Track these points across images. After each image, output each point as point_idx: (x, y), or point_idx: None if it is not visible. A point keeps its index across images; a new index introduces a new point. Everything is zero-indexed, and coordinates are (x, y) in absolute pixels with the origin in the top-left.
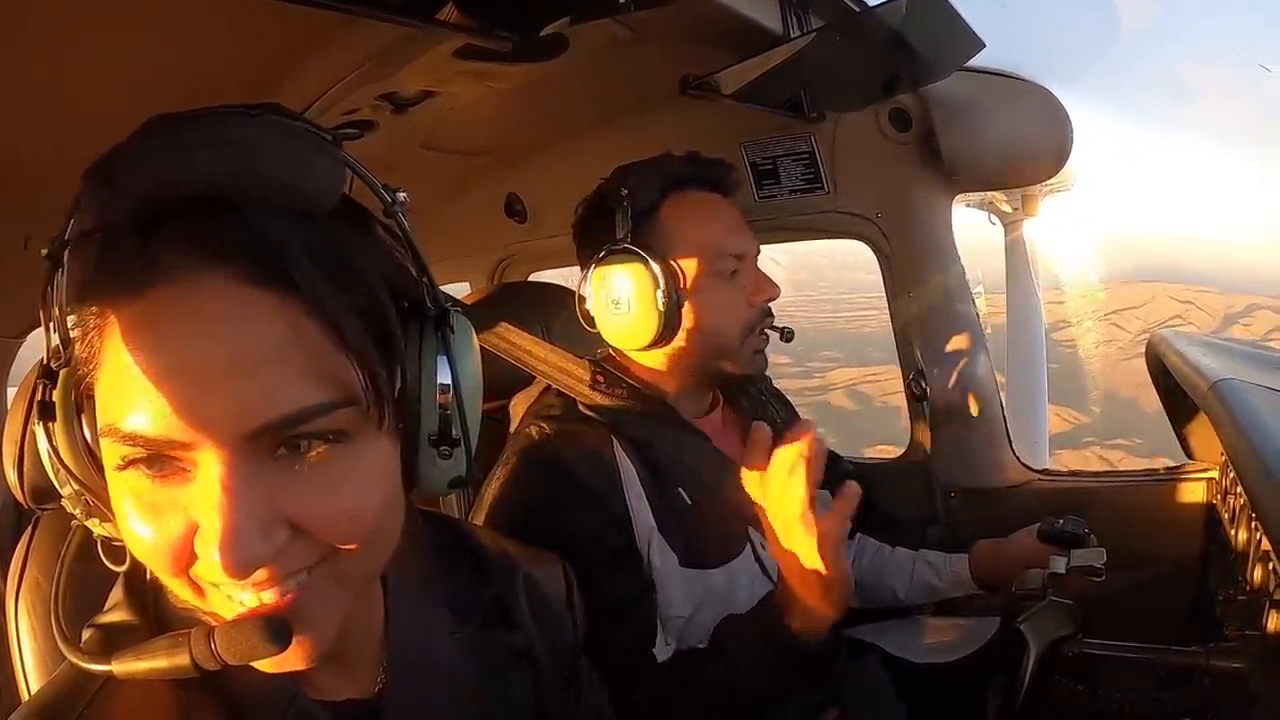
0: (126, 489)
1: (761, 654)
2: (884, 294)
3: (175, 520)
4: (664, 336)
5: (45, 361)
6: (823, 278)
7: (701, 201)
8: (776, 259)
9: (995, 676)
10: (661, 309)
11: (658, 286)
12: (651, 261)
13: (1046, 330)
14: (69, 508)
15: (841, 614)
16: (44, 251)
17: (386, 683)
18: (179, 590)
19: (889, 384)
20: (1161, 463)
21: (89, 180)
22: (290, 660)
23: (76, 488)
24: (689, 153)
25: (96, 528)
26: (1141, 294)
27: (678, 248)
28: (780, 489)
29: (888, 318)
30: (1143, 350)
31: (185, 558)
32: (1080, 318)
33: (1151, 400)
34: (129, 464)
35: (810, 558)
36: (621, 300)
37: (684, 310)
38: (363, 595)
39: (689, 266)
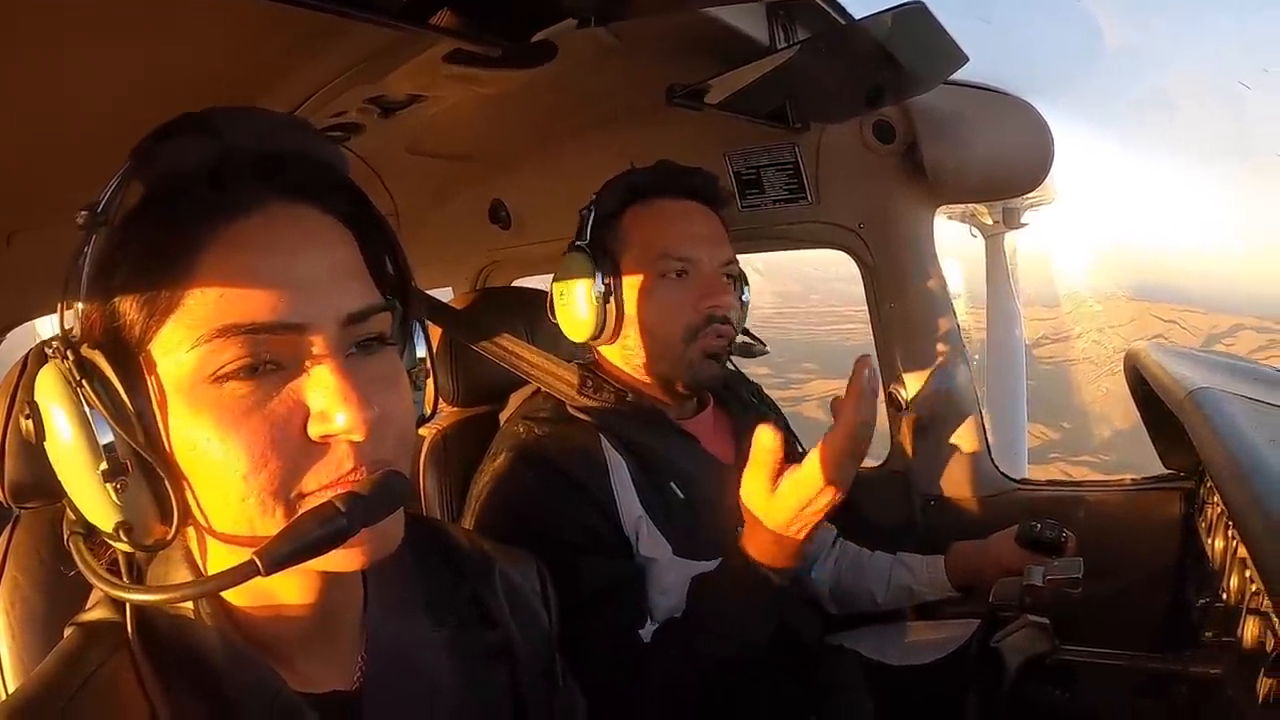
0: (225, 401)
1: (739, 600)
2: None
3: (282, 408)
4: (602, 328)
5: (74, 335)
6: (814, 290)
7: (659, 208)
8: (756, 267)
9: (972, 685)
10: (599, 302)
11: (594, 279)
12: (594, 257)
13: (1027, 346)
14: (85, 495)
15: (806, 540)
16: (82, 219)
17: (364, 676)
18: (265, 510)
19: None
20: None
21: (182, 132)
22: (357, 556)
23: (134, 446)
24: (661, 162)
25: (109, 517)
26: (1125, 312)
27: (628, 250)
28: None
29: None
30: (1121, 368)
31: (294, 450)
32: (1060, 334)
33: (1124, 417)
34: (227, 376)
35: (786, 517)
36: (567, 293)
37: (626, 307)
38: (340, 587)
39: (634, 266)
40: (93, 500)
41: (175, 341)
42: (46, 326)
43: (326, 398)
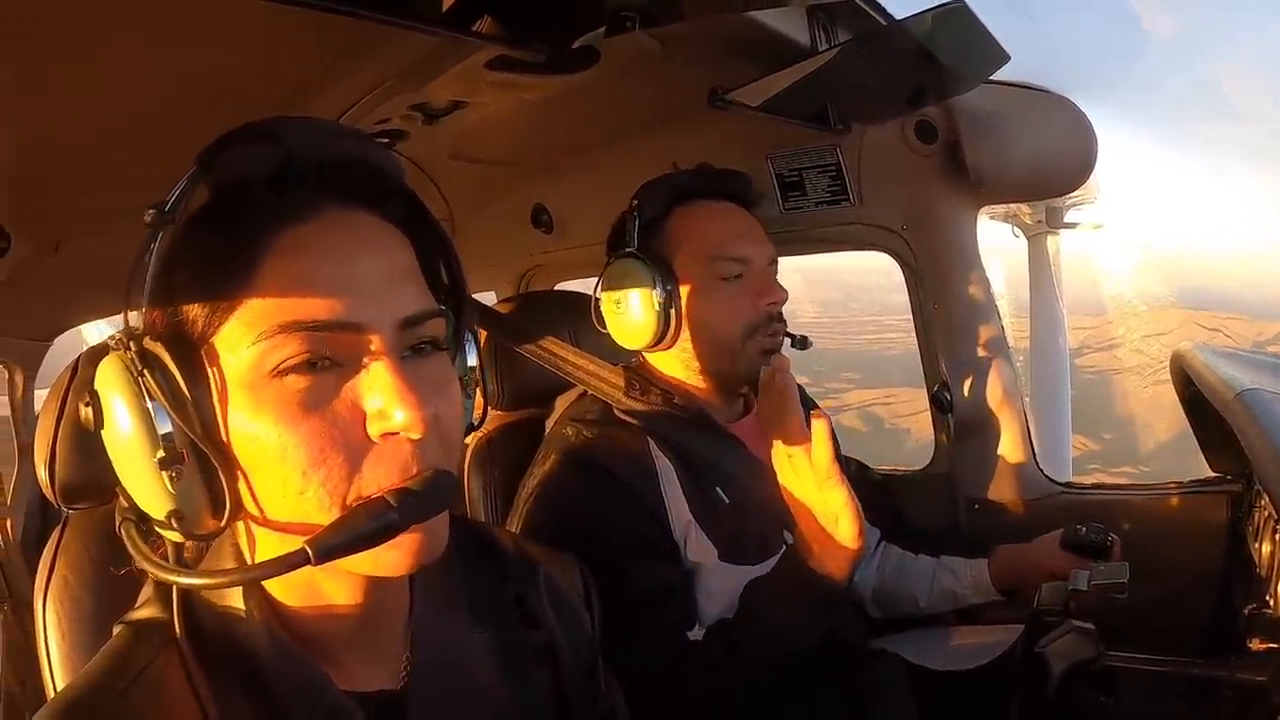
0: (285, 395)
1: (788, 604)
2: (908, 317)
3: (342, 406)
4: (664, 334)
5: (136, 329)
6: (855, 299)
7: (707, 209)
8: (797, 275)
9: (1016, 691)
10: (659, 308)
11: (654, 286)
12: (649, 263)
13: (1070, 354)
14: (139, 482)
15: (856, 551)
16: (149, 218)
17: (410, 676)
18: (322, 506)
19: (900, 406)
20: None
21: (246, 139)
22: (404, 561)
23: (191, 436)
24: (699, 165)
25: (162, 505)
26: (1168, 319)
27: (680, 252)
28: (777, 415)
29: (911, 340)
30: (1164, 377)
31: (354, 448)
32: (1102, 343)
33: (1166, 428)
34: (288, 370)
35: (810, 481)
36: (623, 301)
37: (685, 311)
38: (387, 587)
39: (690, 269)
40: (147, 488)
41: (237, 337)
42: (93, 333)
43: (384, 396)
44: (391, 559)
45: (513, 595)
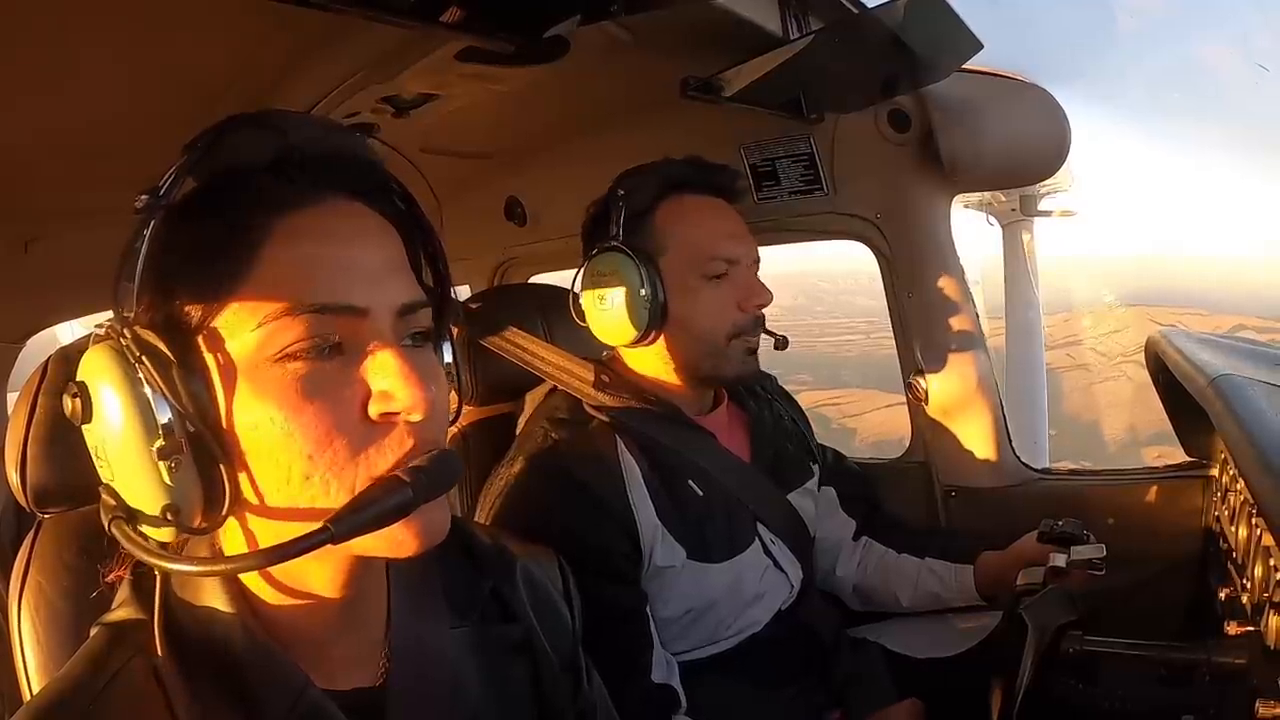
0: (288, 380)
1: None
2: (872, 320)
3: (343, 390)
4: (647, 333)
5: (129, 318)
6: (820, 303)
7: (696, 204)
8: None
9: (997, 668)
10: (645, 306)
11: (641, 284)
12: (636, 259)
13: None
14: (134, 477)
15: None
16: (141, 203)
17: (389, 673)
18: (327, 490)
19: (849, 407)
20: None
21: (243, 128)
22: (410, 542)
23: (190, 426)
24: (690, 157)
25: (157, 499)
26: (1126, 317)
27: (668, 248)
28: None
29: (870, 343)
30: (1116, 375)
31: (357, 430)
32: (1055, 342)
33: (1112, 425)
34: (292, 355)
35: None
36: (607, 296)
37: (670, 309)
38: (368, 580)
39: (677, 266)
40: (142, 482)
41: (238, 323)
42: (67, 334)
43: (389, 379)
44: (398, 542)
45: (490, 589)
